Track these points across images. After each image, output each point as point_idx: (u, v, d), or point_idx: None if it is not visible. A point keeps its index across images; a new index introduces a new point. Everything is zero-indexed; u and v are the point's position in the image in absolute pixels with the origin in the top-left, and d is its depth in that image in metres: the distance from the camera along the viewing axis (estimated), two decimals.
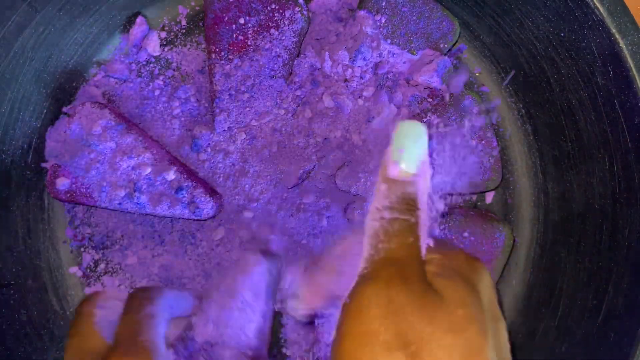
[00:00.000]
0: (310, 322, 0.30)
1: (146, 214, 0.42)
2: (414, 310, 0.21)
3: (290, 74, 0.43)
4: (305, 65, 0.43)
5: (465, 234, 0.42)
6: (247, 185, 0.43)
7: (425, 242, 0.25)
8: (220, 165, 0.43)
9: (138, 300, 0.29)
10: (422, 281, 0.23)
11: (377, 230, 0.24)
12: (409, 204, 0.24)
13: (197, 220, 0.42)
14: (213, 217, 0.42)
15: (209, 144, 0.43)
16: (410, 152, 0.25)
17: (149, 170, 0.40)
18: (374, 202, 0.25)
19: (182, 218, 0.42)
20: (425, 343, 0.21)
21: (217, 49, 0.41)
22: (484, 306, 0.23)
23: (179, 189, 0.41)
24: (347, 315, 0.22)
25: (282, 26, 0.41)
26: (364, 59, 0.42)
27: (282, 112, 0.43)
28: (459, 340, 0.21)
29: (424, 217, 0.25)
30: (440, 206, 0.27)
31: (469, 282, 0.23)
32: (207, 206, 0.41)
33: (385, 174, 0.25)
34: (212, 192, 0.42)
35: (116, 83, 0.44)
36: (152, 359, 0.26)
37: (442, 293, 0.22)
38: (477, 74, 0.45)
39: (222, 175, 0.43)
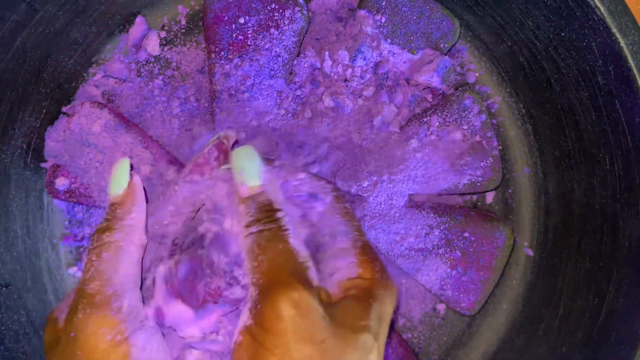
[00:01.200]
0: None
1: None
2: (317, 315, 0.25)
3: (290, 73, 0.43)
4: (305, 65, 0.43)
5: (466, 234, 0.42)
6: None
7: (300, 237, 0.28)
8: None
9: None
10: (309, 288, 0.25)
11: (250, 246, 0.27)
12: (268, 211, 0.27)
13: None
14: None
15: None
16: (249, 169, 0.29)
17: (148, 169, 0.40)
18: (240, 225, 0.28)
19: None
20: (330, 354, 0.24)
21: (217, 49, 0.41)
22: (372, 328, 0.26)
23: None
24: (245, 328, 0.25)
25: (282, 26, 0.41)
26: (364, 59, 0.42)
27: (282, 112, 0.42)
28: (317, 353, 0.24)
29: (288, 219, 0.28)
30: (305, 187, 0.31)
31: (364, 308, 0.27)
32: None
33: (239, 197, 0.28)
34: None
35: (115, 83, 0.44)
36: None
37: (346, 314, 0.26)
38: (477, 75, 0.45)
39: None
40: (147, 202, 0.31)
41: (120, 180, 0.30)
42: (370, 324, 0.26)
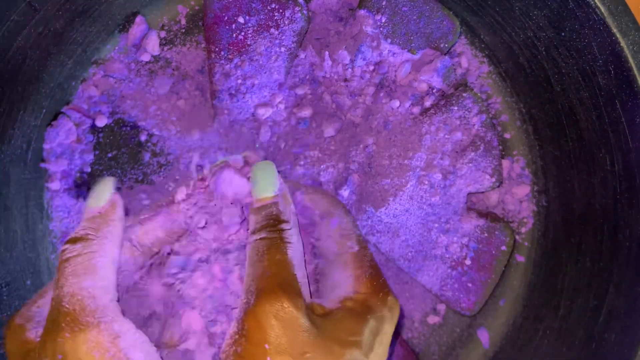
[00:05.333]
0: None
1: None
2: (299, 327, 0.24)
3: (290, 73, 0.43)
4: (305, 65, 0.43)
5: (466, 234, 0.42)
6: None
7: (302, 257, 0.28)
8: None
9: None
10: (295, 299, 0.25)
11: (250, 253, 0.27)
12: (274, 221, 0.28)
13: None
14: None
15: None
16: (264, 181, 0.29)
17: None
18: (250, 238, 0.28)
19: None
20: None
21: (217, 49, 0.41)
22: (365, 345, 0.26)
23: None
24: (242, 329, 0.25)
25: (282, 26, 0.41)
26: (364, 59, 0.42)
27: (282, 112, 0.42)
28: None
29: (292, 232, 0.28)
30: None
31: (359, 324, 0.26)
32: None
33: (252, 208, 0.29)
34: None
35: (115, 82, 0.44)
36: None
37: (339, 330, 0.25)
38: (477, 75, 0.45)
39: None
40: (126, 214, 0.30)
41: (101, 195, 0.29)
42: (361, 340, 0.26)
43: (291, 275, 0.26)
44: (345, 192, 0.41)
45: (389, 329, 0.27)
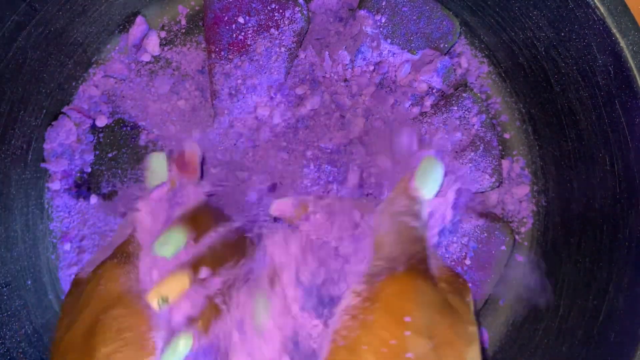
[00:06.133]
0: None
1: None
2: (439, 310, 0.25)
3: (290, 73, 0.43)
4: (305, 65, 0.43)
5: (466, 234, 0.42)
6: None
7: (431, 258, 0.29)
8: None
9: None
10: (438, 288, 0.26)
11: (393, 232, 0.28)
12: (420, 218, 0.29)
13: None
14: None
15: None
16: (431, 184, 0.31)
17: None
18: (387, 208, 0.30)
19: None
20: (443, 342, 0.24)
21: (217, 49, 0.41)
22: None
23: None
24: (380, 295, 0.25)
25: (282, 26, 0.41)
26: (364, 59, 0.42)
27: (282, 111, 0.42)
28: (466, 352, 0.24)
29: (430, 235, 0.29)
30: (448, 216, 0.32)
31: (467, 304, 0.27)
32: None
33: (408, 192, 0.30)
34: None
35: (116, 82, 0.44)
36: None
37: (455, 307, 0.26)
38: (477, 75, 0.45)
39: None
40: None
41: (158, 173, 0.32)
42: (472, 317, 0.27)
43: (428, 267, 0.27)
44: (345, 192, 0.41)
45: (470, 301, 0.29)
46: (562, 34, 0.37)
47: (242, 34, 0.41)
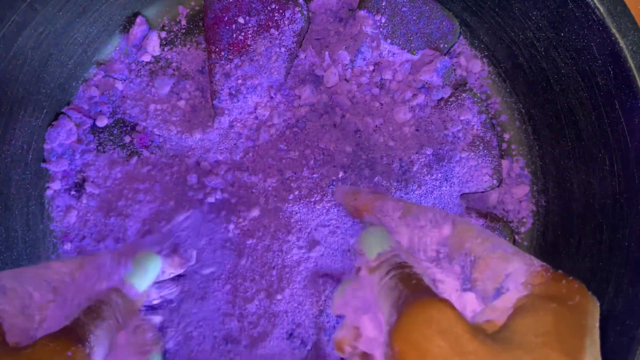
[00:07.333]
0: None
1: None
2: (461, 327, 0.20)
3: (290, 74, 0.43)
4: (305, 65, 0.43)
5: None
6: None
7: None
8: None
9: None
10: (454, 308, 0.21)
11: (381, 292, 0.24)
12: (396, 264, 0.25)
13: None
14: None
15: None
16: (372, 247, 0.27)
17: None
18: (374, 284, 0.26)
19: None
20: None
21: (217, 49, 0.41)
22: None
23: None
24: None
25: (282, 26, 0.41)
26: (364, 59, 0.42)
27: (282, 112, 0.43)
28: None
29: (420, 264, 0.26)
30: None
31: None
32: None
33: (368, 268, 0.27)
34: None
35: (116, 83, 0.44)
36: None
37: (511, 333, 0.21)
38: (477, 75, 0.45)
39: None
40: None
41: (147, 275, 0.28)
42: (555, 338, 0.20)
43: (433, 292, 0.22)
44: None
45: (592, 322, 0.21)
46: (562, 35, 0.37)
47: (242, 34, 0.41)
